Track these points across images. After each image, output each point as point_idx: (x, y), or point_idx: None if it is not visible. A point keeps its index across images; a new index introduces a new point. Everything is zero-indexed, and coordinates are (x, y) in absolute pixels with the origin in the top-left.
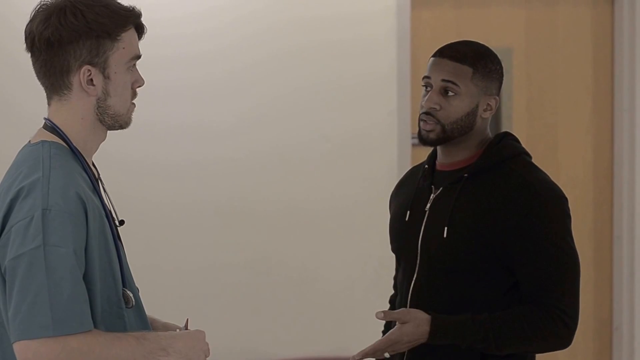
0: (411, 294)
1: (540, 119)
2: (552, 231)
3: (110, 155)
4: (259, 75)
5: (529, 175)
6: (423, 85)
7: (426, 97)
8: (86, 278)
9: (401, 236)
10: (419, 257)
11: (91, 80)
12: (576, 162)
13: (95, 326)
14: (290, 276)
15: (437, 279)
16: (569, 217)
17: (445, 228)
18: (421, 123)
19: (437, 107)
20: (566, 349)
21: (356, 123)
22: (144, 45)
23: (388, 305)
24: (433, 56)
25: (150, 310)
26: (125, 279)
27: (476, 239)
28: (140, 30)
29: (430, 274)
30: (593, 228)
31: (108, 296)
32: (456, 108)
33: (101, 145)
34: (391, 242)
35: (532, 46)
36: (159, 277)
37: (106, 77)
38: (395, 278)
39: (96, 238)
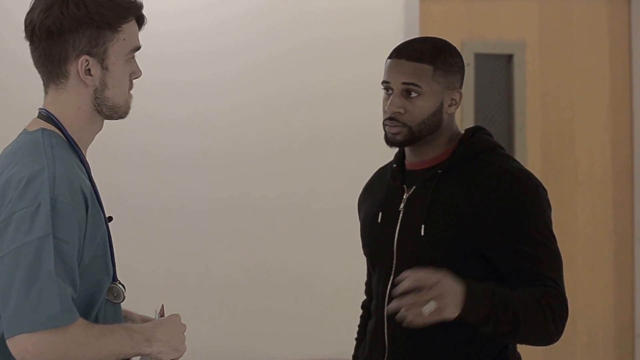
0: (388, 297)
1: (556, 115)
2: (535, 217)
3: (105, 147)
4: (263, 71)
5: (507, 165)
6: (384, 89)
7: (389, 102)
8: (84, 270)
9: (375, 239)
10: (395, 258)
11: (89, 70)
12: (594, 160)
13: (95, 320)
14: (290, 276)
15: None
16: (550, 206)
17: (422, 226)
18: (386, 127)
19: (402, 110)
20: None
21: (361, 119)
22: (145, 39)
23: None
24: (389, 58)
25: (146, 310)
26: (116, 274)
27: (455, 234)
28: (140, 21)
29: None
30: (613, 229)
31: (102, 289)
32: (421, 109)
33: (99, 136)
34: (364, 247)
35: (546, 40)
36: (154, 275)
37: (104, 68)
38: (367, 284)
39: (94, 232)
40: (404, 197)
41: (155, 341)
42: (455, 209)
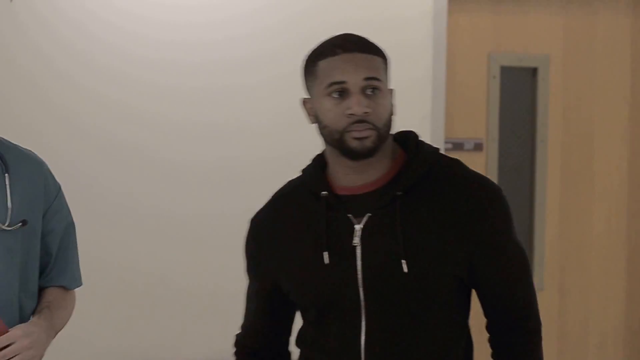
0: (365, 350)
1: (576, 128)
2: (510, 228)
3: (134, 154)
4: (287, 82)
5: (469, 174)
6: (331, 94)
7: (351, 103)
8: None
9: (323, 285)
10: (363, 303)
11: None
12: (611, 172)
13: None
14: None
15: (398, 324)
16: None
17: (404, 261)
18: (351, 134)
19: (369, 110)
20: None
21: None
22: (174, 47)
23: None
24: (330, 55)
25: (168, 327)
26: None
27: (445, 266)
28: None
29: (387, 321)
30: (627, 239)
31: None
32: (383, 107)
33: (122, 141)
34: (303, 295)
35: (570, 54)
36: (174, 285)
37: None
38: (251, 327)
39: None
40: (356, 228)
41: None
42: (433, 234)
